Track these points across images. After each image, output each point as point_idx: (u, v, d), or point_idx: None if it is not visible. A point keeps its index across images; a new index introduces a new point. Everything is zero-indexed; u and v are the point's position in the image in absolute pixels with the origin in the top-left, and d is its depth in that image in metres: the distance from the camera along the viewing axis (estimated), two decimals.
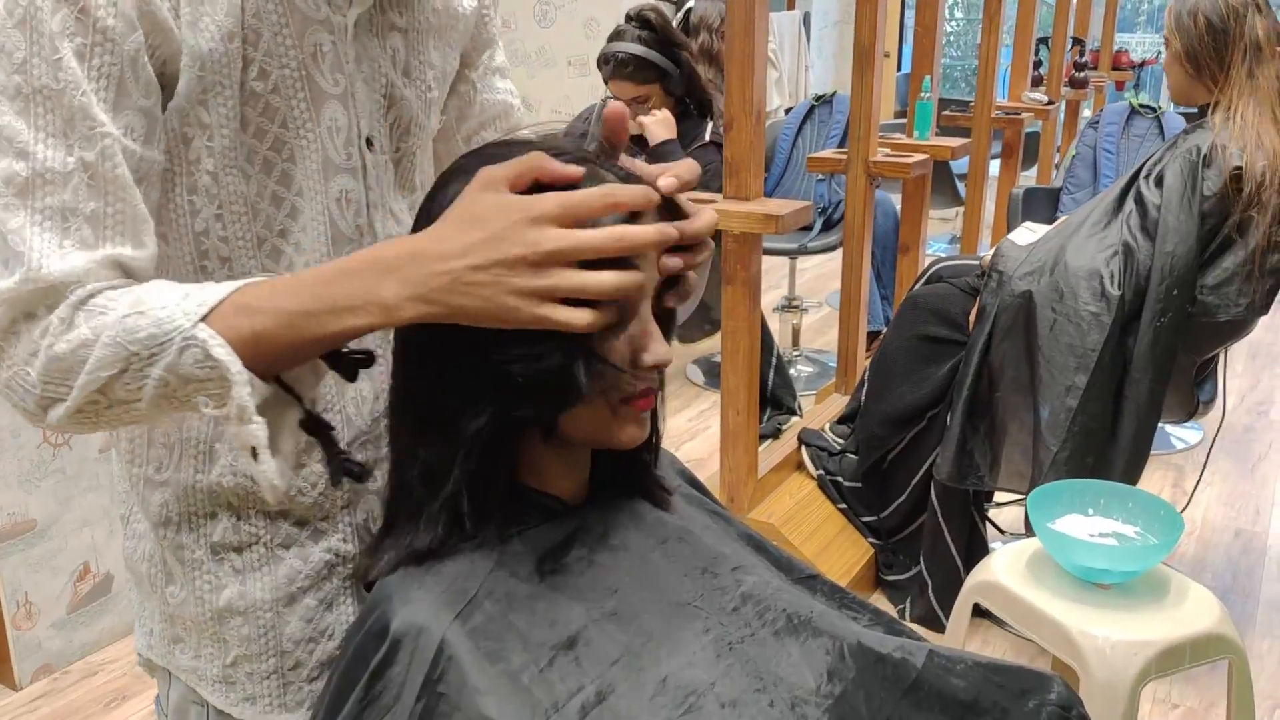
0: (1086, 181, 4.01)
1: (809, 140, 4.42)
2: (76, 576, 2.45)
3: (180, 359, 0.74)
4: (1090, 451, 2.24)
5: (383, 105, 0.96)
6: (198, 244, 0.89)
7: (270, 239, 0.91)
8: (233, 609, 0.96)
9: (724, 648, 0.86)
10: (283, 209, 0.90)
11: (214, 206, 0.88)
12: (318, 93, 0.89)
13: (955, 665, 0.92)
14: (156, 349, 0.74)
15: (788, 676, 0.86)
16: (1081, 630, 1.60)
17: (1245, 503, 3.29)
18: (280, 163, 0.89)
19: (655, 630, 0.85)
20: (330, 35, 0.90)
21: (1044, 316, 2.28)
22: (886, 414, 2.63)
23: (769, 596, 0.92)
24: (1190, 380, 2.44)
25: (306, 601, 0.98)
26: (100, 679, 2.43)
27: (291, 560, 0.97)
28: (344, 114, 0.92)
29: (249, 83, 0.85)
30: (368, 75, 0.94)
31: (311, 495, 0.96)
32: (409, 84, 0.98)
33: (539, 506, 0.89)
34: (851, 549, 2.73)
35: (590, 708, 0.78)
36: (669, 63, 2.98)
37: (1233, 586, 2.83)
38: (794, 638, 0.90)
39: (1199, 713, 2.32)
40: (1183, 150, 2.26)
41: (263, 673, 0.98)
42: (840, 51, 8.50)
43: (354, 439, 0.98)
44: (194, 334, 0.74)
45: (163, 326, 0.74)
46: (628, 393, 0.83)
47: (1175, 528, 1.69)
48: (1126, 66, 7.32)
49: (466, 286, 0.72)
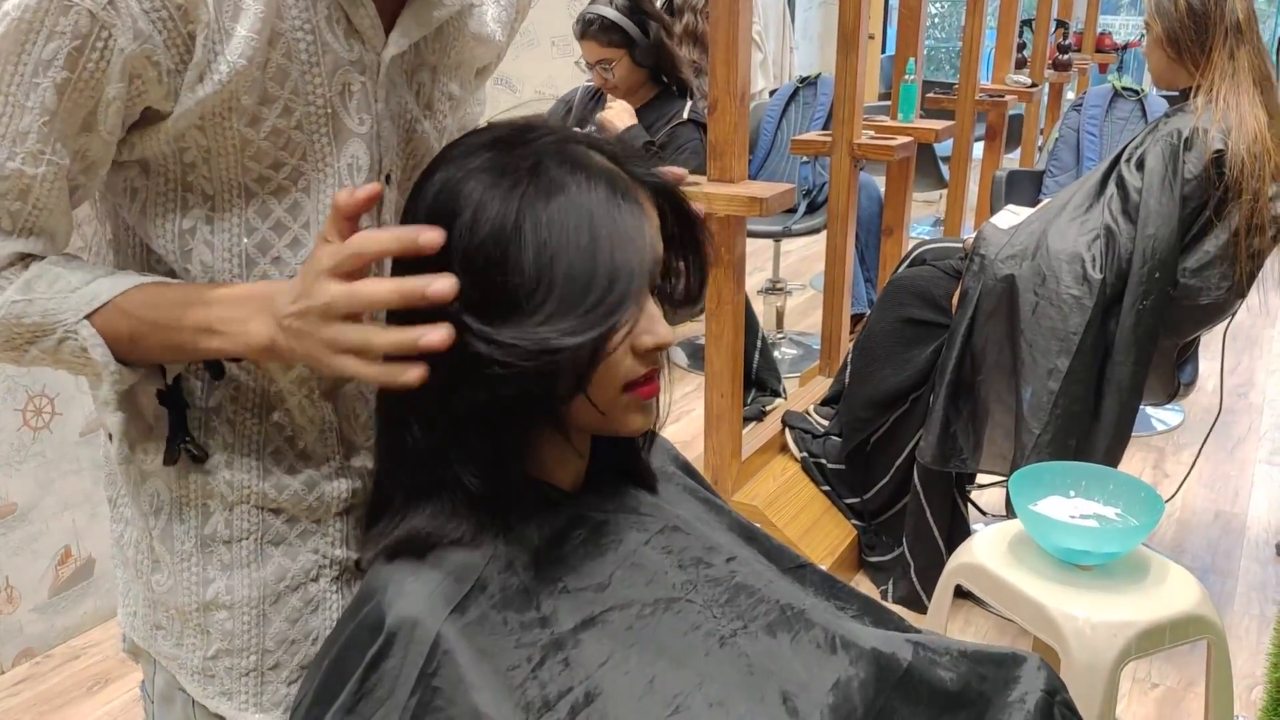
0: (1069, 164, 4.01)
1: (793, 122, 4.41)
2: (58, 560, 2.44)
3: (59, 346, 0.81)
4: (1072, 434, 2.25)
5: (404, 140, 0.95)
6: (182, 243, 0.88)
7: (262, 264, 0.89)
8: (218, 602, 0.96)
9: (714, 643, 0.86)
10: (284, 238, 0.89)
11: (206, 207, 0.87)
12: (341, 130, 0.88)
13: (941, 657, 0.93)
14: (38, 335, 0.81)
15: (780, 670, 0.87)
16: (1062, 611, 1.61)
17: (1225, 484, 3.32)
18: (294, 192, 0.88)
19: (645, 628, 0.84)
20: (361, 76, 0.88)
21: (1026, 300, 2.29)
22: (870, 396, 2.64)
23: (762, 588, 0.92)
24: (1171, 362, 2.46)
25: (292, 602, 0.97)
26: (82, 663, 2.42)
27: (280, 558, 0.96)
28: (366, 153, 0.90)
29: (270, 120, 0.84)
30: (395, 113, 0.92)
31: (308, 499, 0.96)
32: (429, 117, 0.97)
33: (538, 494, 0.88)
34: (835, 531, 2.74)
35: (580, 709, 0.78)
36: (637, 30, 2.98)
37: (1212, 567, 2.85)
38: (786, 631, 0.90)
39: (1178, 692, 2.34)
40: (1164, 134, 2.27)
41: (242, 669, 0.98)
42: (825, 33, 8.48)
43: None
44: (76, 329, 0.81)
45: (46, 319, 0.81)
46: (630, 378, 0.83)
47: (1156, 509, 1.70)
48: (1110, 49, 7.33)
49: (293, 335, 0.77)
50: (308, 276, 0.76)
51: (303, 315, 0.76)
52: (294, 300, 0.77)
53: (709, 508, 1.01)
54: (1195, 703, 2.27)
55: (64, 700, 2.30)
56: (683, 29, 3.78)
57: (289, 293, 0.78)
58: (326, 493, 0.97)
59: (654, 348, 0.82)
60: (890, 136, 3.16)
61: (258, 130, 0.84)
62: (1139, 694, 2.34)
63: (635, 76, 3.07)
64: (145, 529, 0.97)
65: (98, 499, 2.46)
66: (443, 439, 0.83)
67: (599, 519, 0.90)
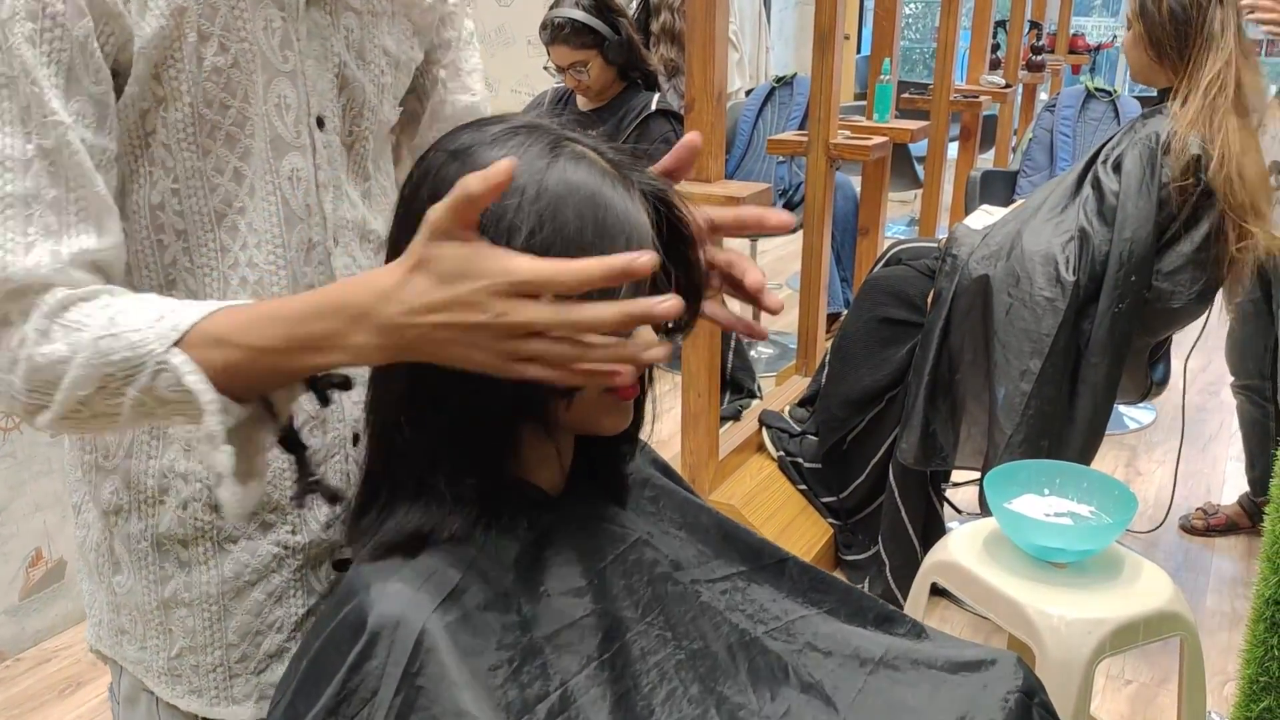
0: (1043, 164, 4.04)
1: (769, 122, 4.42)
2: (29, 563, 2.42)
3: (155, 382, 0.75)
4: (1045, 435, 2.26)
5: (335, 85, 0.95)
6: (154, 217, 0.88)
7: (229, 214, 0.90)
8: (178, 600, 0.95)
9: (671, 667, 0.86)
10: (244, 185, 0.90)
11: (170, 180, 0.87)
12: (269, 67, 0.89)
13: (904, 675, 0.94)
14: (132, 371, 0.75)
15: (732, 696, 0.87)
16: (1037, 609, 1.62)
17: (1197, 481, 3.35)
18: (244, 138, 0.89)
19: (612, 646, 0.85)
20: (280, 11, 0.89)
21: (1000, 301, 2.30)
22: (846, 396, 2.65)
23: (725, 609, 0.93)
24: (1144, 362, 2.48)
25: (254, 595, 0.96)
26: (54, 666, 2.39)
27: (239, 554, 0.95)
28: (293, 91, 0.91)
29: (209, 58, 0.85)
30: (319, 54, 0.93)
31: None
32: (363, 66, 0.97)
33: (522, 495, 0.88)
34: (811, 529, 2.75)
35: (556, 714, 0.78)
36: (608, 28, 2.97)
37: (1185, 564, 2.88)
38: (744, 653, 0.91)
39: (1151, 688, 2.36)
40: (1142, 136, 2.28)
41: (208, 665, 0.97)
42: (800, 33, 8.50)
43: (303, 423, 0.96)
44: (167, 359, 0.74)
45: (136, 350, 0.74)
46: (610, 382, 0.83)
47: (1129, 507, 1.71)
48: (1083, 50, 7.38)
49: (436, 344, 0.71)
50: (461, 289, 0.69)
51: (460, 327, 0.69)
52: (432, 310, 0.70)
53: (688, 508, 1.01)
54: (1168, 699, 2.29)
55: (35, 704, 2.27)
56: (660, 27, 3.78)
57: (402, 297, 0.71)
58: (283, 486, 0.96)
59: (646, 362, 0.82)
60: (866, 136, 3.17)
61: (200, 69, 0.84)
62: (1112, 690, 2.35)
63: (607, 75, 3.07)
64: (105, 529, 0.96)
65: (69, 502, 2.44)
66: (432, 439, 0.82)
67: (579, 525, 0.90)
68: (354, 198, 0.99)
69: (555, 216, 0.76)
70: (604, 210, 0.77)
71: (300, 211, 0.93)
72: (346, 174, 0.98)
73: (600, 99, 3.13)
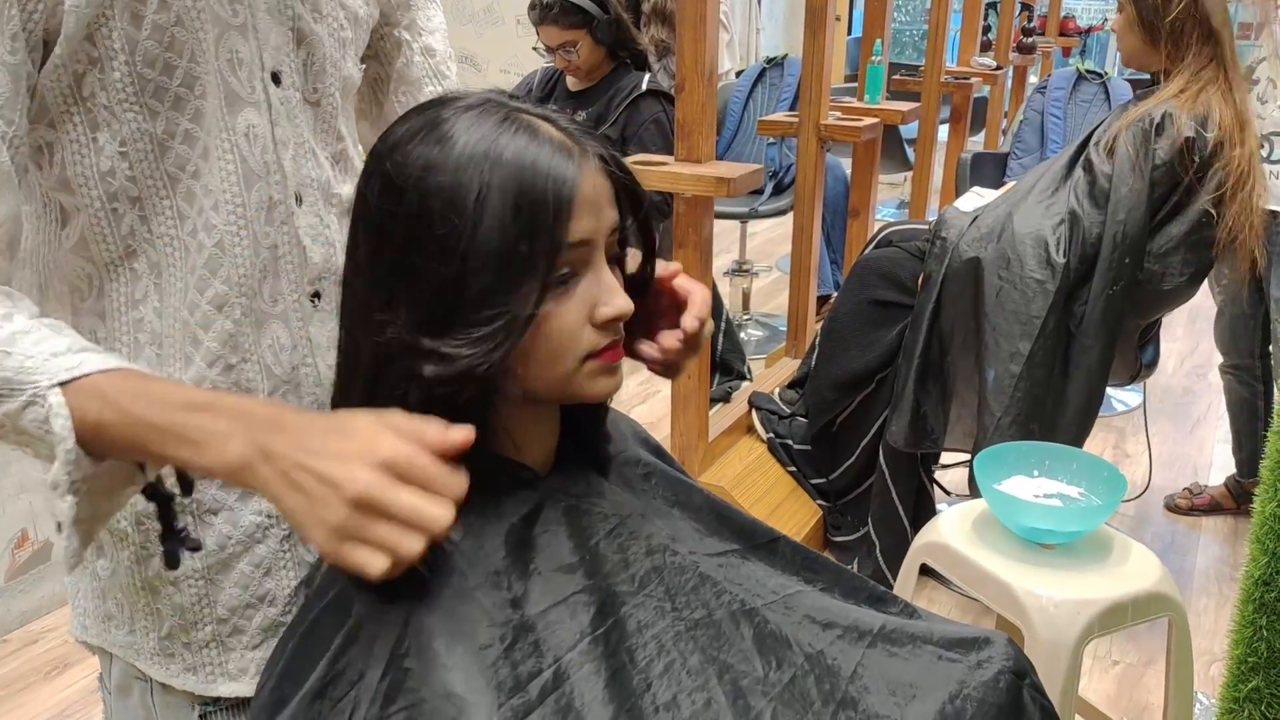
0: (1034, 146, 4.04)
1: (760, 103, 4.40)
2: (14, 544, 2.40)
3: (23, 412, 0.73)
4: (1034, 417, 2.27)
5: (291, 40, 0.93)
6: (105, 185, 0.86)
7: (184, 179, 0.88)
8: (163, 577, 0.94)
9: (669, 639, 0.85)
10: (196, 148, 0.88)
11: (116, 144, 0.85)
12: (218, 22, 0.87)
13: (901, 649, 0.93)
14: (5, 393, 0.73)
15: (736, 664, 0.86)
16: (1026, 590, 1.62)
17: (1184, 464, 3.36)
18: (193, 99, 0.87)
19: (606, 621, 0.84)
20: None
21: (991, 283, 2.30)
22: (836, 377, 2.65)
23: (724, 580, 0.92)
24: (1134, 344, 2.48)
25: (240, 567, 0.96)
26: (41, 647, 2.39)
27: (220, 525, 0.95)
28: (245, 46, 0.89)
29: (148, 15, 0.82)
30: (271, 7, 0.91)
31: None
32: (319, 20, 0.95)
33: (510, 475, 0.87)
34: (801, 511, 2.75)
35: (549, 691, 0.78)
36: (596, 8, 2.95)
37: (1172, 545, 2.89)
38: (748, 620, 0.90)
39: (1138, 669, 2.37)
40: (1135, 117, 2.27)
41: (200, 641, 0.96)
42: (791, 14, 8.47)
43: (274, 389, 0.95)
44: (45, 395, 0.72)
45: (19, 375, 0.72)
46: (592, 350, 0.82)
47: (1118, 489, 1.72)
48: (1073, 32, 7.37)
49: (291, 485, 0.70)
50: (349, 444, 0.69)
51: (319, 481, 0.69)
52: (309, 453, 0.69)
53: (679, 487, 1.00)
54: (1155, 679, 2.31)
55: (22, 685, 2.27)
56: (650, 7, 3.76)
57: (295, 430, 0.71)
58: None
59: (613, 319, 0.81)
60: (857, 118, 3.16)
61: (140, 29, 0.82)
62: (1100, 671, 2.37)
63: (596, 55, 3.05)
64: None
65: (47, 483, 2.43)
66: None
67: (570, 501, 0.89)
68: (321, 158, 0.97)
69: (490, 179, 0.76)
70: (530, 170, 0.76)
71: (259, 169, 0.91)
72: (314, 135, 0.97)
73: (590, 79, 3.11)
